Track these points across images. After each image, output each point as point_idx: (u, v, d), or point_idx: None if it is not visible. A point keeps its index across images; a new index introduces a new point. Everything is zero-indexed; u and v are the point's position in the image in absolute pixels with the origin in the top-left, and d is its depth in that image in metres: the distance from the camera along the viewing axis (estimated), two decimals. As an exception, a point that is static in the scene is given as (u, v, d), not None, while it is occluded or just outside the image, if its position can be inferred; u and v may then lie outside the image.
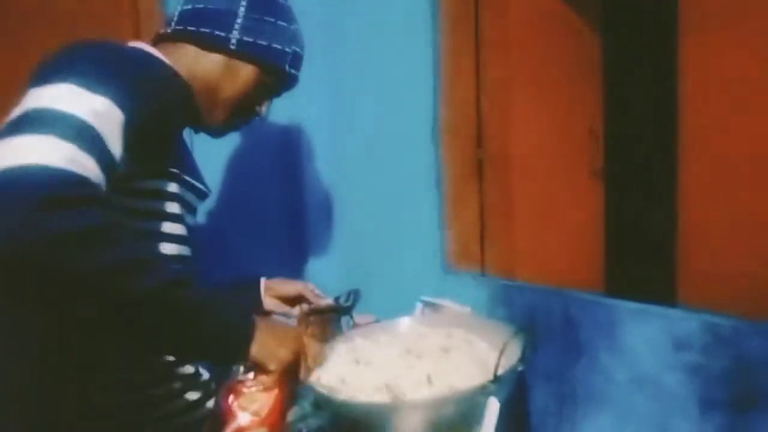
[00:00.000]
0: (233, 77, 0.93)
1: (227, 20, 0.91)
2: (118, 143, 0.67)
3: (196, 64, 0.90)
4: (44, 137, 0.60)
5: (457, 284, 1.13)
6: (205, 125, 0.96)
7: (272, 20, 0.94)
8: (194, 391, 0.90)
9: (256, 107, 0.99)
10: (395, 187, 1.32)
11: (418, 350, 0.90)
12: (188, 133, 1.00)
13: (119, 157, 0.67)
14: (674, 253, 0.81)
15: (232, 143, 1.44)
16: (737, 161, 0.75)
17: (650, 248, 1.30)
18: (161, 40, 0.93)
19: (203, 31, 0.91)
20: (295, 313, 1.14)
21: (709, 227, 0.78)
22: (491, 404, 0.75)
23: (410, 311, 1.06)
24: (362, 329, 1.04)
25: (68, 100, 0.65)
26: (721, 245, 0.76)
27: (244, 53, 0.92)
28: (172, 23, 0.93)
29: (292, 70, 0.98)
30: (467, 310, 1.01)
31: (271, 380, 0.77)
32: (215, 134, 1.00)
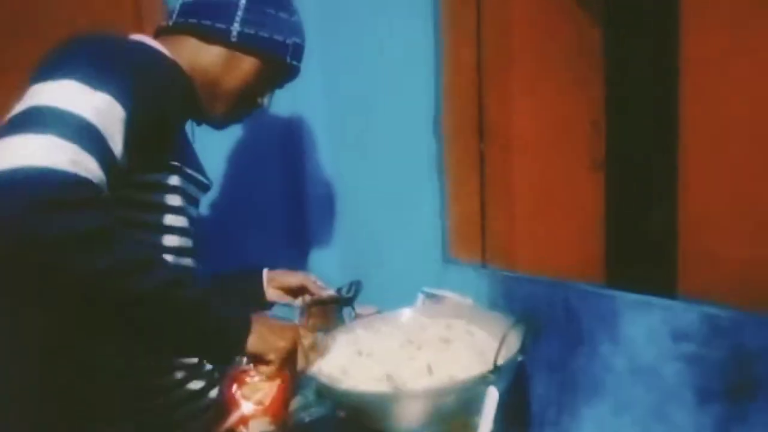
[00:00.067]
0: (234, 69, 0.93)
1: (228, 12, 0.91)
2: (119, 140, 0.67)
3: (197, 56, 0.90)
4: (45, 137, 0.60)
5: (458, 275, 1.14)
6: (206, 117, 0.96)
7: (273, 12, 0.94)
8: (198, 380, 0.91)
9: (257, 99, 0.99)
10: (397, 178, 1.32)
11: (419, 341, 0.91)
12: (189, 125, 1.00)
13: (120, 154, 0.67)
14: (675, 245, 0.81)
15: (233, 135, 1.44)
16: (738, 154, 0.75)
17: (651, 240, 1.31)
18: (162, 32, 0.93)
19: (204, 23, 0.91)
20: (297, 303, 1.14)
21: (709, 219, 0.78)
22: (490, 394, 0.76)
23: (411, 302, 1.07)
24: (364, 320, 1.05)
25: (70, 97, 0.65)
26: (721, 237, 0.77)
27: (245, 45, 0.92)
28: (173, 16, 0.93)
29: (293, 61, 0.98)
30: (468, 301, 1.02)
31: (270, 371, 0.79)
32: (217, 126, 1.00)
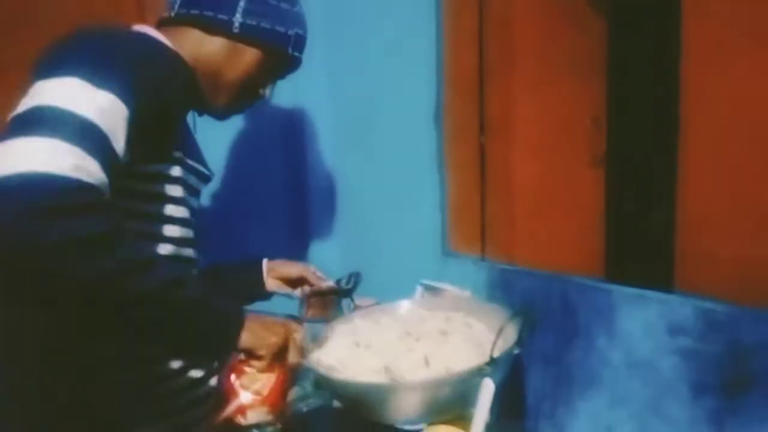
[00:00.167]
0: (236, 60, 0.93)
1: (230, 4, 0.91)
2: (122, 138, 0.68)
3: (199, 47, 0.90)
4: (48, 140, 0.60)
5: (457, 268, 1.14)
6: (208, 108, 0.97)
7: (275, 3, 0.94)
8: (198, 369, 0.92)
9: (259, 90, 0.99)
10: (397, 170, 1.32)
11: (417, 333, 0.92)
12: (191, 116, 1.00)
13: (123, 151, 0.68)
14: (673, 240, 0.81)
15: (235, 126, 1.44)
16: (737, 150, 0.75)
17: (650, 237, 1.31)
18: (164, 23, 0.93)
19: (206, 14, 0.91)
20: (296, 294, 1.15)
21: (708, 217, 0.78)
22: (486, 385, 0.77)
23: (410, 294, 1.08)
24: (363, 312, 1.05)
25: (73, 96, 0.65)
26: (720, 235, 0.77)
27: (247, 36, 0.92)
28: (175, 6, 0.93)
29: (295, 52, 0.98)
30: (467, 294, 1.02)
31: (261, 366, 0.80)
32: (219, 117, 1.00)
